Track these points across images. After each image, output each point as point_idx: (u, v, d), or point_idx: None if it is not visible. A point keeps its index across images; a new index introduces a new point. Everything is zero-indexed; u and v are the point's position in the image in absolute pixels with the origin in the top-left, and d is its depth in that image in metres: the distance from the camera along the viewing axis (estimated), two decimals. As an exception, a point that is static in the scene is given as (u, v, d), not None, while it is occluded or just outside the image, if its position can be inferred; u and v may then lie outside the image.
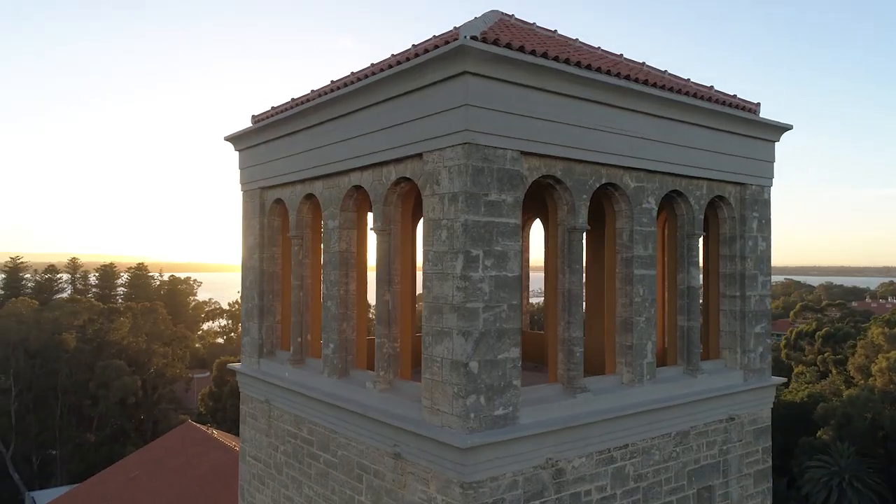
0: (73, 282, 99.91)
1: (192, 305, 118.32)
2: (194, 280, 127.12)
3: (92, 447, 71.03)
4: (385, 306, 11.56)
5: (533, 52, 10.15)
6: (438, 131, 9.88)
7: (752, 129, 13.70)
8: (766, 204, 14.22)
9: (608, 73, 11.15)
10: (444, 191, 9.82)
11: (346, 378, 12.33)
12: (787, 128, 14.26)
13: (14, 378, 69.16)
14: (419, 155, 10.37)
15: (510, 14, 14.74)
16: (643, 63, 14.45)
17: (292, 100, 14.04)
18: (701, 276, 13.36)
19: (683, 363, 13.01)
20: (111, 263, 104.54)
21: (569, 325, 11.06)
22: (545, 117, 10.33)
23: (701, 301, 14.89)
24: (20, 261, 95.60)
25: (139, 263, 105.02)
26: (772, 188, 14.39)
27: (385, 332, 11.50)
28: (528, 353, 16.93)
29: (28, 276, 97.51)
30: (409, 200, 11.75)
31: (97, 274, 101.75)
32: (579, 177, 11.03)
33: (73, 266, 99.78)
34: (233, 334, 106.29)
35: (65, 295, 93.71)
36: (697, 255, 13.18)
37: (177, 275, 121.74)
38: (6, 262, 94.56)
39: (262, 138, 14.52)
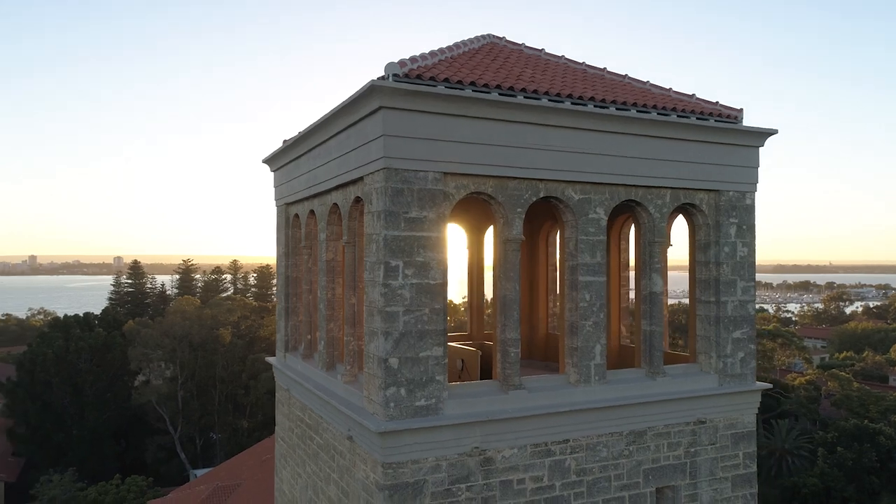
0: (234, 282, 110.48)
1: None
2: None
3: (245, 433, 78.38)
4: (351, 308, 13.22)
5: (459, 83, 11.37)
6: (369, 158, 11.39)
7: (726, 137, 13.85)
8: (749, 209, 14.26)
9: (546, 94, 12.08)
10: (374, 209, 11.31)
11: (332, 371, 14.11)
12: (769, 133, 14.22)
13: (180, 368, 77.83)
14: (362, 178, 11.92)
15: (501, 37, 15.90)
16: (625, 76, 15.02)
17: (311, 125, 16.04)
18: (661, 282, 13.73)
19: (646, 366, 13.51)
20: (267, 265, 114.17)
21: (505, 328, 12.12)
22: (469, 140, 11.48)
23: (688, 305, 15.14)
24: (191, 263, 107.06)
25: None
26: (756, 193, 14.40)
27: (351, 331, 13.15)
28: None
29: (198, 276, 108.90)
30: (371, 216, 13.32)
31: (255, 274, 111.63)
32: (513, 192, 12.05)
33: (234, 267, 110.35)
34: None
35: (229, 294, 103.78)
36: (659, 262, 13.62)
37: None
38: (179, 264, 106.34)
39: (285, 160, 16.66)
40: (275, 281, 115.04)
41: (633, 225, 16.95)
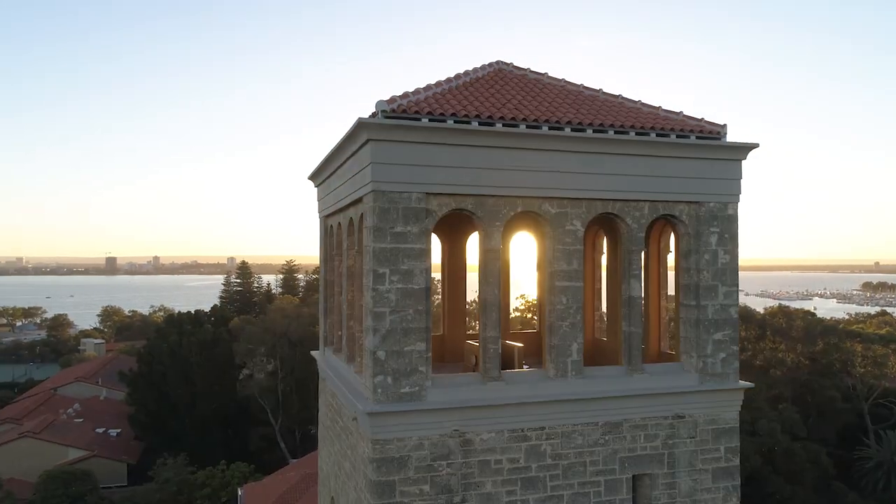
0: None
1: (435, 304, 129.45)
2: (437, 280, 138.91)
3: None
4: (360, 309, 15.26)
5: (441, 115, 13.18)
6: (363, 181, 13.42)
7: (706, 152, 14.88)
8: (731, 219, 15.19)
9: (524, 121, 13.68)
10: (367, 224, 13.33)
11: (352, 363, 16.23)
12: (750, 147, 15.09)
13: (280, 363, 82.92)
14: (362, 198, 13.96)
15: (509, 63, 17.51)
16: (619, 96, 16.29)
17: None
18: (640, 287, 14.93)
19: (626, 363, 14.78)
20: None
21: (486, 327, 13.81)
22: (451, 164, 13.27)
23: (671, 309, 16.25)
24: (294, 263, 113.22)
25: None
26: (738, 203, 15.29)
27: (360, 327, 15.21)
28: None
29: (300, 276, 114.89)
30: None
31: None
32: (491, 208, 13.72)
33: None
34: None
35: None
36: (637, 269, 14.84)
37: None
38: (283, 264, 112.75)
39: (322, 177, 18.96)
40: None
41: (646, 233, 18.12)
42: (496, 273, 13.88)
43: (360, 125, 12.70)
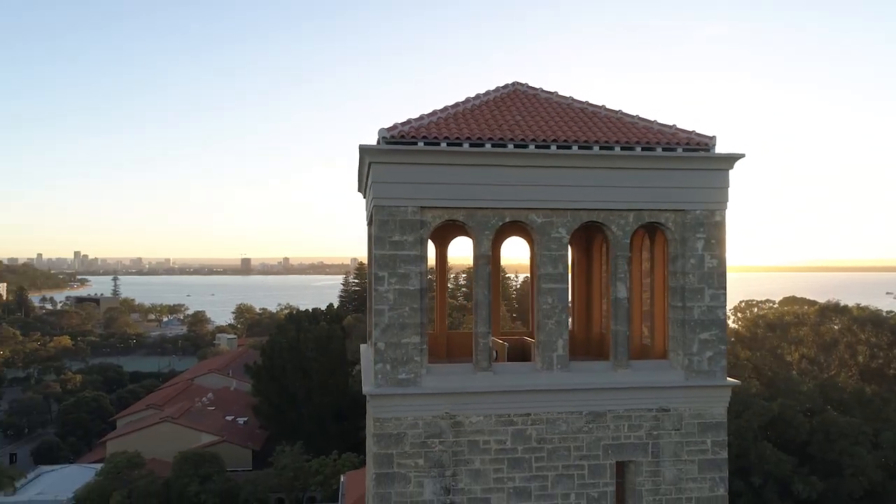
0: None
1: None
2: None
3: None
4: (380, 307, 17.50)
5: (436, 139, 15.19)
6: (370, 197, 15.66)
7: (693, 163, 15.90)
8: (718, 225, 16.09)
9: (512, 141, 15.41)
10: (371, 234, 15.57)
11: (378, 354, 18.51)
12: (737, 157, 15.93)
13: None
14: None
15: (524, 83, 19.16)
16: (618, 111, 17.54)
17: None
18: (626, 289, 16.15)
19: (613, 359, 16.09)
20: (469, 267, 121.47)
21: (477, 324, 15.64)
22: (444, 181, 15.23)
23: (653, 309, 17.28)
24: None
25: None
26: (726, 210, 16.15)
27: (379, 323, 17.44)
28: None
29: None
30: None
31: (464, 275, 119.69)
32: (481, 219, 15.54)
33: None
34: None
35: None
36: (624, 273, 16.09)
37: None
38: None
39: (362, 191, 21.41)
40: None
41: (650, 238, 19.19)
42: (486, 276, 15.69)
43: (362, 150, 14.96)
